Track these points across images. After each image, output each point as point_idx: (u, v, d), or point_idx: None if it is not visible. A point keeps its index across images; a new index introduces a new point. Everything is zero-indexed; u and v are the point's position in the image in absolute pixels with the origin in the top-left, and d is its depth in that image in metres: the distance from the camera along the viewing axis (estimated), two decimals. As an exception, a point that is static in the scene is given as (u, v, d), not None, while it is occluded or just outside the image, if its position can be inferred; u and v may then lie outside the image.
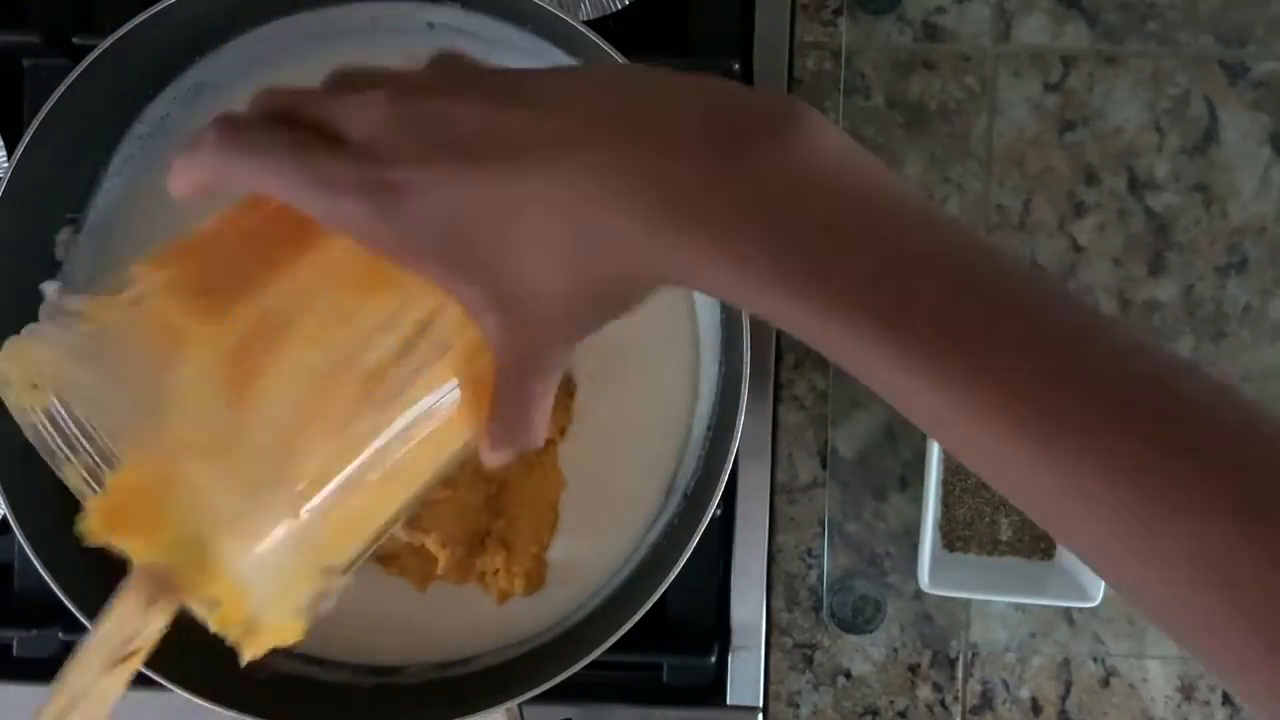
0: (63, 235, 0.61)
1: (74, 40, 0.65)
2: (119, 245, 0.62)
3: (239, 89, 0.64)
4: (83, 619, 0.57)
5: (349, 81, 0.35)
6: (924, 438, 0.66)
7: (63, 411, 0.33)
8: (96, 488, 0.34)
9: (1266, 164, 0.69)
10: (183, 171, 0.35)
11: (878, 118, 0.70)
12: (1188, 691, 0.69)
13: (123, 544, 0.34)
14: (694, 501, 0.62)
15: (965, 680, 0.70)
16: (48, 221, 0.60)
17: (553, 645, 0.64)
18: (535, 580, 0.63)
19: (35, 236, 0.60)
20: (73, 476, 0.34)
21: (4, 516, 0.59)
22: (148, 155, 0.64)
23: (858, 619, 0.70)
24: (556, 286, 0.32)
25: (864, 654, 0.70)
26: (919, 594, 0.69)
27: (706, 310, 0.65)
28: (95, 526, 0.34)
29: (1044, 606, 0.69)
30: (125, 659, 0.34)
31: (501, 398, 0.35)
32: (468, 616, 0.64)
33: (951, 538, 0.69)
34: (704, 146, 0.31)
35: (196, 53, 0.63)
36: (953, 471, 0.68)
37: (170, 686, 0.57)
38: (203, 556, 0.32)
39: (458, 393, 0.35)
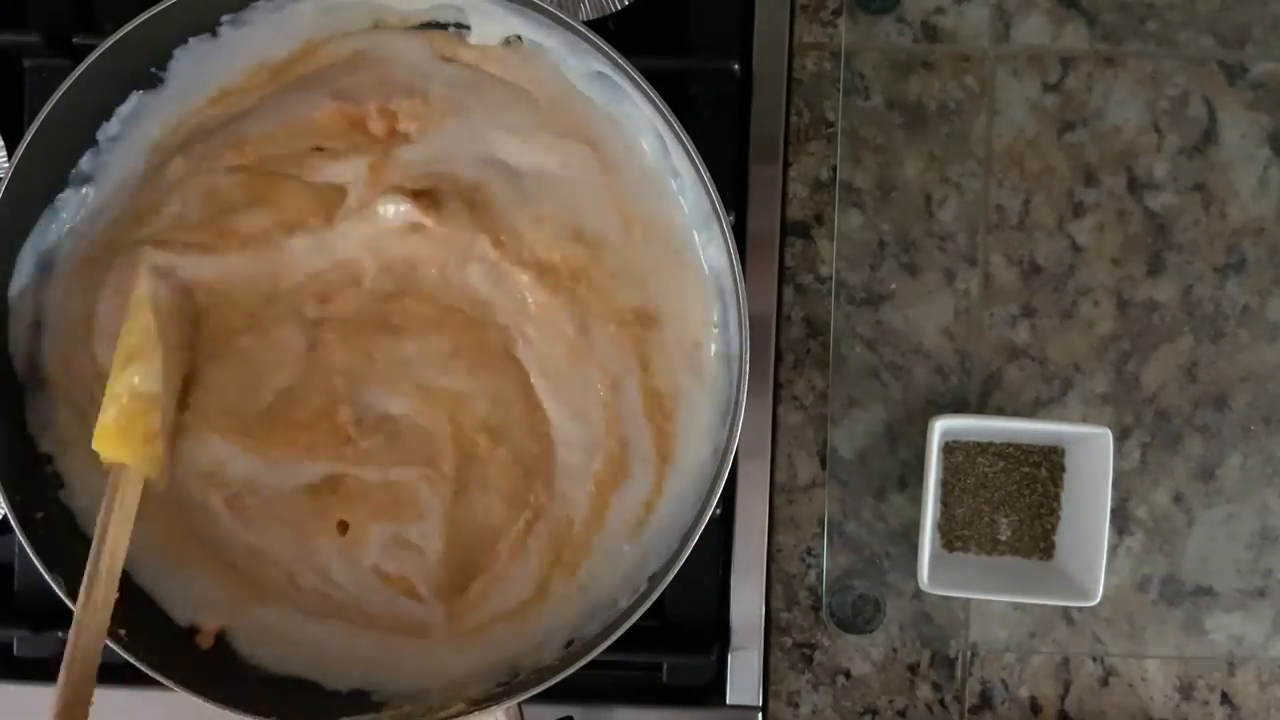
0: (63, 235, 0.61)
1: (74, 40, 0.65)
2: (119, 245, 0.62)
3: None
4: (83, 619, 0.57)
5: None
6: (923, 437, 0.66)
7: None
8: None
9: (1265, 164, 0.69)
10: None
11: (877, 118, 0.70)
12: (1186, 691, 0.70)
13: None
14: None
15: (964, 680, 0.70)
16: (48, 221, 0.60)
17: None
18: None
19: (36, 236, 0.60)
20: None
21: (4, 516, 0.59)
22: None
23: (857, 619, 0.70)
24: None
25: (863, 654, 0.70)
26: (918, 594, 0.69)
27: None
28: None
29: (1043, 606, 0.69)
30: None
31: None
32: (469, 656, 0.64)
33: (951, 537, 0.69)
34: None
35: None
36: (952, 471, 0.68)
37: (170, 686, 0.57)
38: None
39: None
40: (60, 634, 0.68)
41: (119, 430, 0.57)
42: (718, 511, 0.64)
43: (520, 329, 0.61)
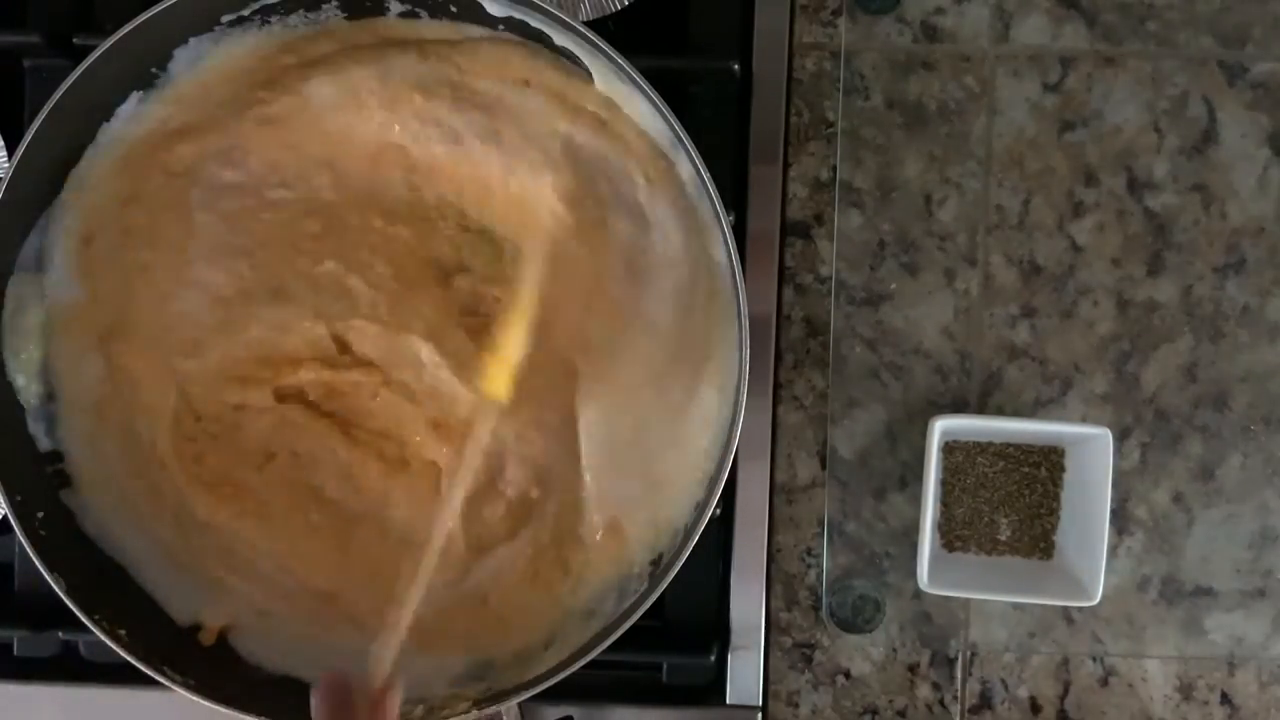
0: (64, 235, 0.61)
1: (74, 40, 0.65)
2: (118, 246, 0.62)
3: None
4: (83, 618, 0.57)
5: None
6: (923, 437, 0.66)
7: None
8: None
9: (1265, 164, 0.69)
10: None
11: (877, 118, 0.70)
12: (1186, 691, 0.70)
13: None
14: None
15: (964, 680, 0.70)
16: (49, 221, 0.60)
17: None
18: None
19: (36, 236, 0.60)
20: None
21: (4, 516, 0.59)
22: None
23: (857, 619, 0.70)
24: None
25: (863, 654, 0.70)
26: (918, 594, 0.69)
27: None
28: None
29: (1043, 606, 0.69)
30: None
31: None
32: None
33: (950, 537, 0.69)
34: None
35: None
36: (952, 471, 0.68)
37: (170, 686, 0.57)
38: None
39: None
40: (60, 634, 0.68)
41: (510, 372, 0.58)
42: (718, 511, 0.64)
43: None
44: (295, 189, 0.62)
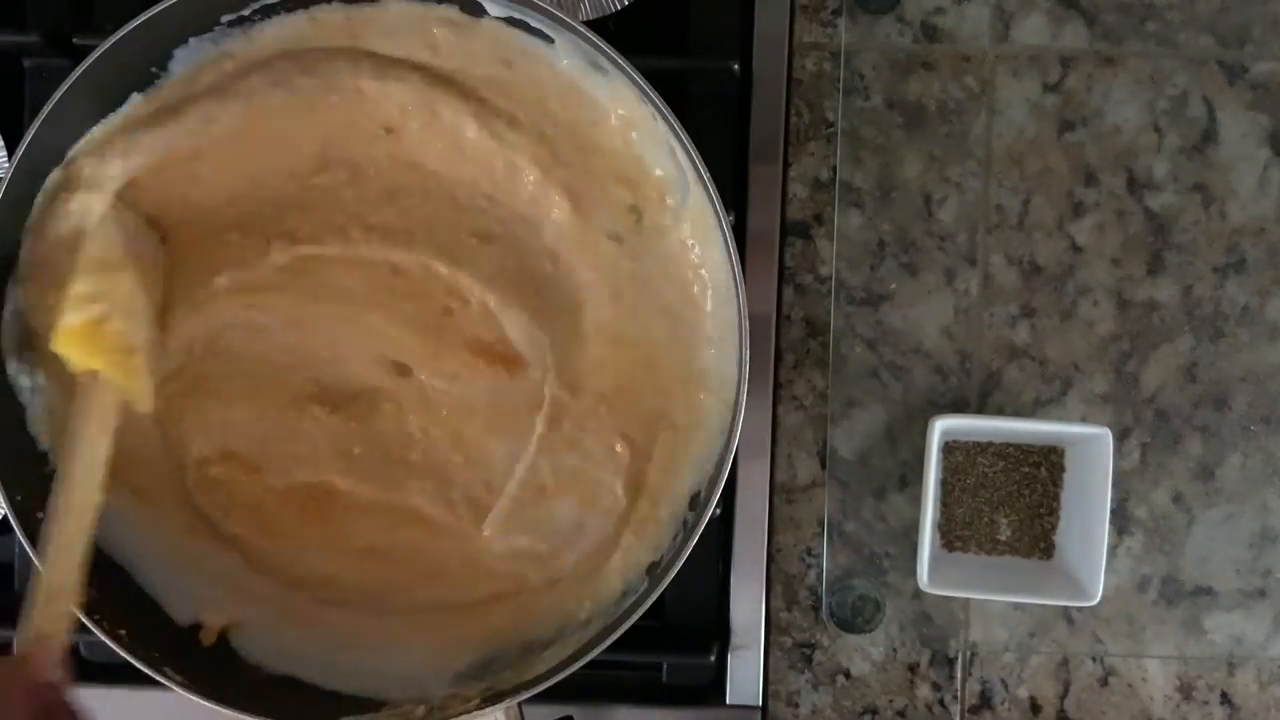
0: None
1: (74, 40, 0.65)
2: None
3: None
4: (83, 618, 0.57)
5: None
6: (923, 437, 0.66)
7: None
8: None
9: (1265, 164, 0.69)
10: None
11: (877, 118, 0.70)
12: (1186, 691, 0.70)
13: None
14: (693, 502, 0.62)
15: (964, 680, 0.70)
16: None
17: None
18: None
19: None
20: None
21: (4, 516, 0.59)
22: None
23: (857, 619, 0.70)
24: None
25: (863, 653, 0.70)
26: (918, 593, 0.69)
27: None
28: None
29: (1043, 606, 0.69)
30: None
31: None
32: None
33: (950, 537, 0.69)
34: None
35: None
36: (952, 471, 0.68)
37: (170, 686, 0.57)
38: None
39: None
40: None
41: (86, 333, 0.54)
42: (718, 511, 0.64)
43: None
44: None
